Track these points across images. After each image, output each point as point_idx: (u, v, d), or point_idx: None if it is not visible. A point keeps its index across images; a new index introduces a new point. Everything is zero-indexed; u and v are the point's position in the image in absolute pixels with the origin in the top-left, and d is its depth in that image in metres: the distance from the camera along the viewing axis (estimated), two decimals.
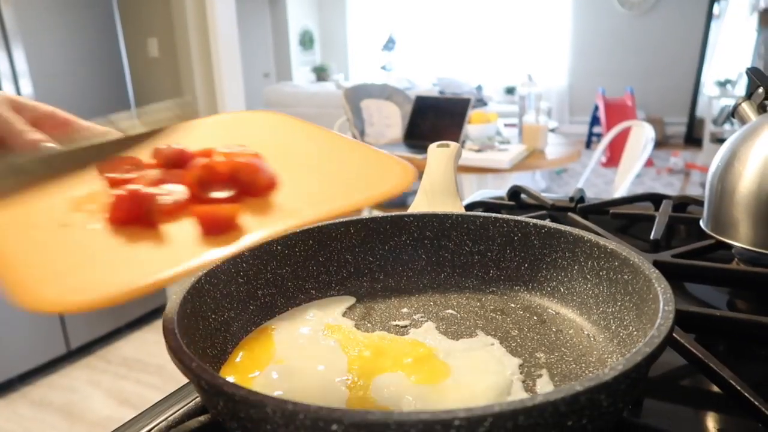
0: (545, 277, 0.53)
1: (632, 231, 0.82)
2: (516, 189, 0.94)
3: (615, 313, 0.46)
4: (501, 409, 0.27)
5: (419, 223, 0.58)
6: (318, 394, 0.39)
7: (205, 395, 0.33)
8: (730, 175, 0.65)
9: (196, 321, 0.42)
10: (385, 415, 0.27)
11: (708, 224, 0.70)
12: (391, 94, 3.27)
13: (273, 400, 0.28)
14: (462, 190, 2.71)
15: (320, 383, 0.40)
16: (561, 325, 0.49)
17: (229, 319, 0.47)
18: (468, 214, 0.57)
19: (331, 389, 0.39)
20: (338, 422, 0.27)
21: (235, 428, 0.32)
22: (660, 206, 0.84)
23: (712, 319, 0.51)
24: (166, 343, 0.35)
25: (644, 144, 2.70)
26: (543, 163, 2.58)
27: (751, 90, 0.72)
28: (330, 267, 0.56)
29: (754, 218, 0.63)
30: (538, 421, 0.27)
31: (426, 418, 0.26)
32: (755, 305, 0.61)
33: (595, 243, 0.49)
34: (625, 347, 0.42)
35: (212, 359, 0.43)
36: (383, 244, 0.57)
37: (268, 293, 0.51)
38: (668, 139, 6.20)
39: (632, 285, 0.44)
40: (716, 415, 0.43)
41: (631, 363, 0.30)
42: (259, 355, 0.44)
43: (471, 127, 2.54)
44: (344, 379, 0.40)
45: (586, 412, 0.29)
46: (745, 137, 0.66)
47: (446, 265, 0.57)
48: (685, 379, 0.47)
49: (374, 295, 0.55)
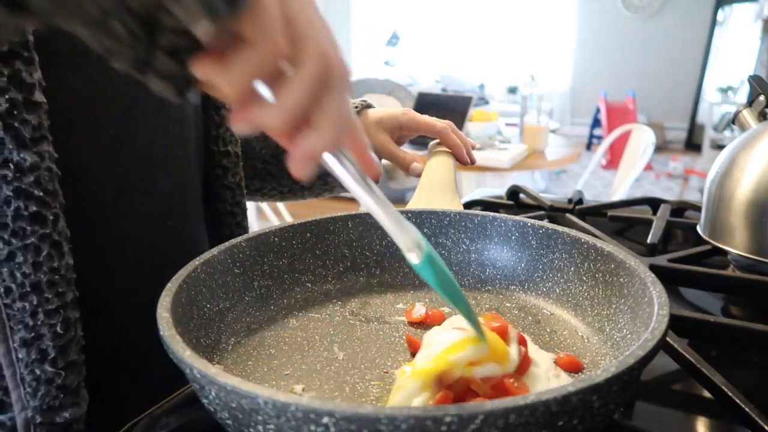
0: (541, 277, 0.53)
1: (629, 234, 0.82)
2: (515, 189, 0.94)
3: (610, 316, 0.46)
4: (492, 408, 0.27)
5: (417, 220, 0.57)
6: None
7: (197, 385, 0.33)
8: (729, 181, 0.66)
9: (190, 310, 0.42)
10: (376, 410, 0.27)
11: (705, 230, 0.70)
12: (393, 90, 3.27)
13: (265, 391, 0.28)
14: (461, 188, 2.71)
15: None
16: (555, 326, 0.49)
17: (224, 310, 0.47)
18: (466, 212, 0.57)
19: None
20: (329, 415, 0.27)
21: (227, 418, 0.32)
22: (658, 210, 0.84)
23: (706, 324, 0.51)
24: (160, 331, 0.35)
25: (644, 148, 2.70)
26: (543, 163, 2.57)
27: (752, 98, 0.72)
28: (327, 260, 0.56)
29: (750, 225, 0.63)
30: (529, 420, 0.27)
31: (417, 414, 0.26)
32: (749, 312, 0.61)
33: (592, 245, 0.49)
34: (618, 350, 0.42)
35: (206, 349, 0.43)
36: (381, 240, 0.57)
37: (264, 285, 0.51)
38: (668, 143, 6.20)
39: (628, 288, 0.44)
40: (707, 420, 0.43)
41: (623, 366, 0.30)
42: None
43: (472, 126, 2.53)
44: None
45: (577, 413, 0.29)
46: (744, 144, 0.67)
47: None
48: (677, 384, 0.47)
49: (370, 290, 0.55)
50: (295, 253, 0.54)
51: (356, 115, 0.30)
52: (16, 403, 0.45)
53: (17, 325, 0.44)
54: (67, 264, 0.45)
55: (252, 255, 0.51)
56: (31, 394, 0.44)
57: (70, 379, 0.45)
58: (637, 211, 0.88)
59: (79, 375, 0.46)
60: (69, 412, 0.45)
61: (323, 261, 0.56)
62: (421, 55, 7.19)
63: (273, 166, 0.74)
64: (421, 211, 0.58)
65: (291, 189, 0.76)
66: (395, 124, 0.72)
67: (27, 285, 0.43)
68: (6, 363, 0.44)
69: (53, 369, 0.44)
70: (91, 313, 0.48)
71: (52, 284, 0.44)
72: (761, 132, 0.66)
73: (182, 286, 0.41)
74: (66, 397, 0.45)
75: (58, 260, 0.45)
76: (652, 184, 4.93)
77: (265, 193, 0.77)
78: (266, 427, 0.29)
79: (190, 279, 0.43)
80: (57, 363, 0.45)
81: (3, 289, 0.43)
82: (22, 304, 0.43)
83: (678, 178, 5.06)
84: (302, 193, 0.77)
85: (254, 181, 0.76)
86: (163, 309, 0.37)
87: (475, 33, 6.96)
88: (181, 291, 0.41)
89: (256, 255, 0.51)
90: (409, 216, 0.57)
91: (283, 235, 0.53)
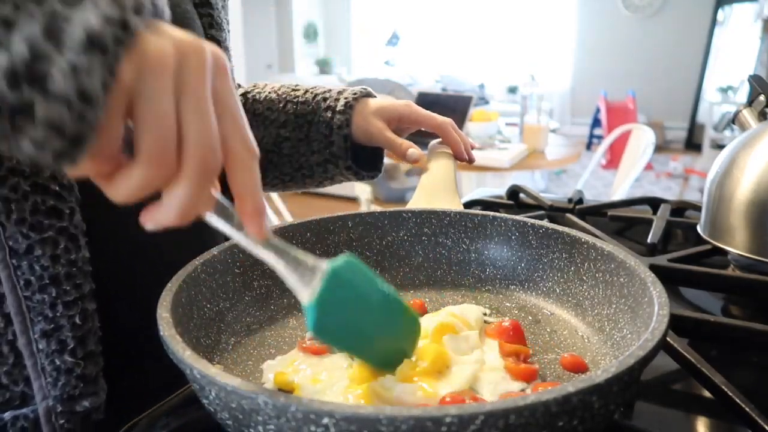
0: (541, 277, 0.53)
1: (629, 234, 0.82)
2: (515, 188, 0.94)
3: (610, 316, 0.46)
4: (493, 408, 0.27)
5: (417, 220, 0.57)
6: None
7: (197, 385, 0.33)
8: (729, 181, 0.65)
9: (190, 310, 0.42)
10: (376, 410, 0.27)
11: (705, 230, 0.70)
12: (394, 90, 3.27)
13: (265, 391, 0.28)
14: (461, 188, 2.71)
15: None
16: (555, 326, 0.49)
17: (224, 309, 0.47)
18: (466, 212, 0.57)
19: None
20: (329, 415, 0.27)
21: (227, 419, 0.32)
22: (658, 210, 0.84)
23: (706, 324, 0.51)
24: (160, 331, 0.35)
25: (644, 147, 2.70)
26: (543, 163, 2.57)
27: (752, 97, 0.72)
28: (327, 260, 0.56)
29: (750, 225, 0.63)
30: (529, 421, 0.27)
31: (417, 415, 0.26)
32: (749, 312, 0.61)
33: (592, 245, 0.49)
34: (618, 350, 0.42)
35: (206, 349, 0.43)
36: (381, 239, 0.57)
37: (264, 284, 0.51)
38: (668, 143, 6.20)
39: (628, 288, 0.44)
40: (707, 419, 0.43)
41: (623, 366, 0.30)
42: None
43: (472, 125, 2.53)
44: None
45: (577, 414, 0.29)
46: (744, 144, 0.66)
47: (443, 262, 0.57)
48: (677, 383, 0.47)
49: None
50: None
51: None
52: (37, 393, 0.46)
53: (37, 317, 0.45)
54: (84, 257, 0.46)
55: (252, 255, 0.51)
56: (52, 383, 0.46)
57: (89, 369, 0.47)
58: (637, 210, 0.88)
59: (97, 365, 0.47)
60: (88, 401, 0.47)
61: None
62: (421, 55, 7.19)
63: (274, 154, 0.74)
64: (421, 211, 0.58)
65: (292, 177, 0.76)
66: (395, 114, 0.72)
67: (46, 277, 0.44)
68: (27, 354, 0.45)
69: (72, 359, 0.46)
70: (108, 305, 0.49)
71: (69, 276, 0.45)
72: (761, 132, 0.66)
73: (182, 286, 0.41)
74: (85, 386, 0.46)
75: (75, 253, 0.46)
76: (652, 183, 4.93)
77: (267, 182, 0.77)
78: (266, 428, 0.29)
79: (190, 279, 0.43)
80: (76, 353, 0.46)
81: (23, 282, 0.44)
82: (42, 296, 0.44)
83: (678, 178, 5.05)
84: (304, 182, 0.77)
85: None
86: (163, 309, 0.37)
87: (475, 33, 6.96)
88: (181, 291, 0.41)
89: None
90: (409, 215, 0.57)
91: (283, 235, 0.53)
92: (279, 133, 0.74)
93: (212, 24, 0.63)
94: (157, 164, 0.28)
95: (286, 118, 0.73)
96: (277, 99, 0.75)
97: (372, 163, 0.76)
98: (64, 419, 0.46)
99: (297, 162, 0.74)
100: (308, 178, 0.76)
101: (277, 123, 0.74)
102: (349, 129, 0.71)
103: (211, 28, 0.63)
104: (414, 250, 0.58)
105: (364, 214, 0.57)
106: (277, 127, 0.74)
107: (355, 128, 0.71)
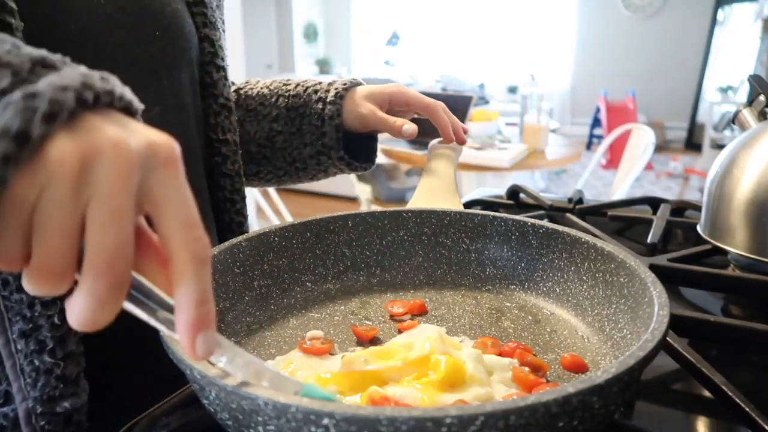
0: (541, 277, 0.53)
1: (629, 234, 0.82)
2: (515, 188, 0.94)
3: (610, 316, 0.46)
4: (493, 409, 0.26)
5: (417, 219, 0.57)
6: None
7: (197, 385, 0.33)
8: (729, 181, 0.65)
9: None
10: (376, 411, 0.27)
11: (705, 229, 0.70)
12: None
13: (265, 392, 0.28)
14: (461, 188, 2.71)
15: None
16: (555, 326, 0.49)
17: (224, 309, 0.47)
18: (466, 211, 0.57)
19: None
20: (329, 416, 0.27)
21: (227, 419, 0.32)
22: (658, 210, 0.84)
23: (706, 324, 0.51)
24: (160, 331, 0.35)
25: (644, 147, 2.70)
26: (543, 163, 2.57)
27: (752, 97, 0.72)
28: (327, 260, 0.56)
29: (751, 225, 0.63)
30: (529, 422, 0.27)
31: (417, 415, 0.26)
32: (749, 311, 0.61)
33: (592, 245, 0.49)
34: (618, 350, 0.42)
35: None
36: (381, 239, 0.57)
37: (264, 284, 0.51)
38: (668, 143, 6.20)
39: (628, 288, 0.44)
40: (707, 419, 0.43)
41: (623, 366, 0.30)
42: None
43: (472, 125, 2.53)
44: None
45: (577, 414, 0.29)
46: (744, 144, 0.66)
47: (443, 261, 0.57)
48: (678, 383, 0.47)
49: (370, 289, 0.55)
50: (295, 252, 0.54)
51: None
52: (17, 394, 0.45)
53: (15, 317, 0.44)
54: None
55: (252, 255, 0.51)
56: (31, 384, 0.45)
57: (69, 369, 0.46)
58: (637, 210, 0.88)
59: (78, 366, 0.47)
60: (69, 402, 0.46)
61: (323, 261, 0.56)
62: (421, 55, 7.19)
63: (267, 149, 0.75)
64: (421, 211, 0.58)
65: (286, 171, 0.77)
66: (385, 96, 0.72)
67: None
68: (6, 354, 0.45)
69: (52, 360, 0.45)
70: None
71: None
72: (761, 131, 0.66)
73: None
74: (66, 387, 0.46)
75: None
76: (652, 183, 4.93)
77: (261, 177, 0.78)
78: (266, 428, 0.29)
79: None
80: (56, 353, 0.45)
81: (0, 282, 0.43)
82: (19, 295, 0.44)
83: (678, 178, 5.05)
84: (298, 176, 0.77)
85: (250, 166, 0.77)
86: None
87: (475, 33, 6.96)
88: None
89: (256, 255, 0.51)
90: (410, 215, 0.57)
91: (283, 235, 0.53)
92: (272, 127, 0.74)
93: (206, 23, 0.63)
94: (44, 278, 0.26)
95: (278, 112, 0.74)
96: (269, 94, 0.75)
97: (365, 154, 0.77)
98: (44, 420, 0.45)
99: (290, 155, 0.75)
100: (302, 171, 0.76)
101: (270, 117, 0.74)
102: (341, 119, 0.71)
103: (205, 27, 0.63)
104: (414, 249, 0.58)
105: (364, 214, 0.57)
106: (270, 121, 0.74)
107: (348, 114, 0.71)
